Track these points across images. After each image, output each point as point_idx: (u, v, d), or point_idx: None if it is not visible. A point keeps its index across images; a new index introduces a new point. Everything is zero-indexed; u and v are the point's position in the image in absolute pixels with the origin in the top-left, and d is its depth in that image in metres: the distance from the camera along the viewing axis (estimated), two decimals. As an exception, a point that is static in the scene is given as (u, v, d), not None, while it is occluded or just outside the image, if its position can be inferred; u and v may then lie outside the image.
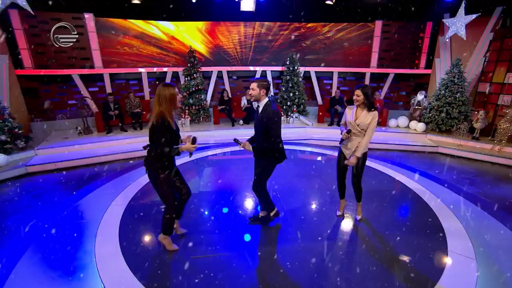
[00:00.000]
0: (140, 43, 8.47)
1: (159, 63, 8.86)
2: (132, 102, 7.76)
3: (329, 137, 7.77)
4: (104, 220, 3.64)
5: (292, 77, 8.90)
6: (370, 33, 9.27)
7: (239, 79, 10.07)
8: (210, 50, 9.22)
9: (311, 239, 3.29)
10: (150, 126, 2.42)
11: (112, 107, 7.36)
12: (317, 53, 9.60)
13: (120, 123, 7.50)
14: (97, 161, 6.06)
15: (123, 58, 8.41)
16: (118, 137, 7.10)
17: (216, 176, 5.10)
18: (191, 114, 8.27)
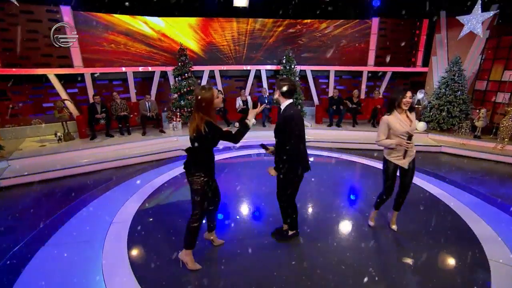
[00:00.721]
0: (128, 40, 7.93)
1: (149, 61, 8.34)
2: (118, 105, 7.21)
3: (331, 139, 7.63)
4: (107, 245, 3.15)
5: (289, 76, 8.65)
6: (367, 31, 9.19)
7: (232, 79, 9.72)
8: (203, 48, 8.82)
9: (347, 252, 3.09)
10: (195, 135, 2.34)
11: (99, 110, 6.78)
12: (313, 51, 9.43)
13: (106, 127, 6.91)
14: (82, 171, 5.52)
15: (107, 56, 7.82)
16: (104, 143, 6.54)
17: (230, 181, 4.81)
18: (183, 117, 7.81)
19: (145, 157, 6.19)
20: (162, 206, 3.98)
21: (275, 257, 2.99)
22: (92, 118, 6.72)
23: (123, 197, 4.23)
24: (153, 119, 7.36)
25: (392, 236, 3.41)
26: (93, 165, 5.67)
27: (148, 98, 7.32)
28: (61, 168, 5.40)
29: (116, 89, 8.57)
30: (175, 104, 7.87)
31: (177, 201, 4.12)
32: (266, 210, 3.89)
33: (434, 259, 3.02)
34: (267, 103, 8.53)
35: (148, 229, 3.46)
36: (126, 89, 8.57)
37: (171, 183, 4.73)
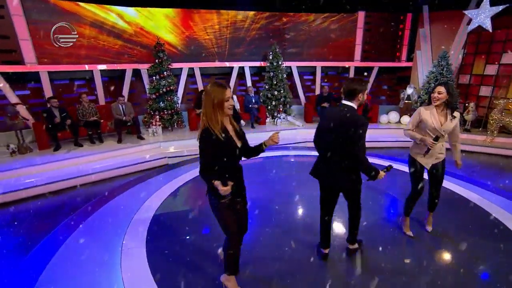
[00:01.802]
0: (96, 33, 7.10)
1: (119, 58, 7.56)
2: (85, 108, 6.39)
3: None
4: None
5: (276, 74, 8.37)
6: (353, 24, 9.22)
7: (211, 77, 9.21)
8: (182, 42, 8.21)
9: (393, 266, 2.86)
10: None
11: (58, 115, 5.93)
12: (299, 46, 9.25)
13: (73, 135, 6.08)
14: (44, 191, 4.74)
15: (69, 51, 6.93)
16: (71, 154, 5.73)
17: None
18: (163, 121, 7.18)
19: (126, 169, 5.53)
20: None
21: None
22: (52, 125, 5.85)
23: (113, 238, 3.30)
24: (129, 124, 6.64)
25: (431, 242, 3.25)
26: (56, 183, 4.90)
27: (122, 100, 6.60)
28: (17, 189, 4.55)
29: (79, 90, 7.67)
30: (152, 107, 7.21)
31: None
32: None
33: (479, 264, 2.88)
34: (254, 103, 8.18)
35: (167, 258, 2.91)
36: (91, 90, 7.71)
37: (170, 206, 4.05)
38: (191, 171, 5.14)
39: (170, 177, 4.90)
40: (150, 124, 7.04)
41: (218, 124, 2.08)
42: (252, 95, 8.30)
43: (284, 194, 4.24)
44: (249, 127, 7.89)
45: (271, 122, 8.57)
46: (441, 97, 2.90)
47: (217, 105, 2.06)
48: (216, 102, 2.06)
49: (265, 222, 3.57)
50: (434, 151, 3.01)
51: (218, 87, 2.10)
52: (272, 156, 5.93)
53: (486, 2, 6.79)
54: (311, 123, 8.56)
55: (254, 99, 8.24)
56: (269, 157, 5.88)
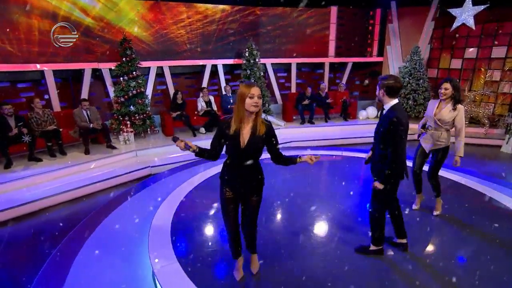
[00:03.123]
0: (47, 26, 6.37)
1: (75, 56, 6.88)
2: (40, 116, 5.70)
3: (311, 136, 7.71)
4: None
5: (254, 71, 8.34)
6: (326, 17, 9.56)
7: (181, 77, 8.88)
8: (150, 38, 7.77)
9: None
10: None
11: (13, 125, 5.21)
12: (273, 42, 9.33)
13: (29, 149, 5.37)
14: (3, 218, 4.13)
15: (13, 48, 6.13)
16: (31, 171, 5.06)
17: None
18: (135, 126, 6.71)
19: (102, 183, 5.04)
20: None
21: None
22: (4, 137, 5.11)
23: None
24: (97, 132, 6.07)
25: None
26: (17, 208, 4.28)
27: (86, 105, 6.01)
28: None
29: (24, 94, 6.86)
30: (121, 111, 6.69)
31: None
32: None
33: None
34: (232, 103, 8.04)
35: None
36: (39, 94, 6.91)
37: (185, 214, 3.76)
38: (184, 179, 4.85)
39: (167, 186, 4.59)
40: (120, 131, 6.50)
41: (238, 118, 2.30)
42: (229, 95, 8.15)
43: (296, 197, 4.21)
44: (229, 129, 7.72)
45: (251, 123, 8.47)
46: (447, 92, 3.38)
47: (240, 100, 2.27)
48: (240, 98, 2.27)
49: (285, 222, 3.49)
50: (432, 136, 3.51)
51: (245, 85, 2.31)
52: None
53: (468, 1, 7.47)
54: (291, 122, 8.66)
55: (232, 99, 8.11)
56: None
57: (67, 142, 6.10)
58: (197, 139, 7.03)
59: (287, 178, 4.89)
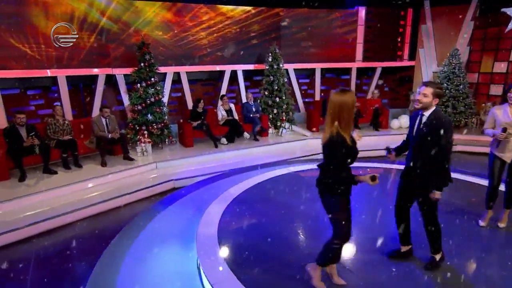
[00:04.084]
0: (60, 27, 6.55)
1: (89, 60, 7.06)
2: (60, 125, 5.81)
3: None
4: None
5: (277, 78, 8.42)
6: (354, 19, 9.65)
7: (197, 83, 9.01)
8: (168, 42, 7.92)
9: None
10: (326, 142, 2.47)
11: (24, 135, 5.31)
12: (295, 46, 9.44)
13: (43, 160, 5.45)
14: (16, 238, 4.17)
15: (26, 52, 6.32)
16: (46, 184, 5.16)
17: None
18: (153, 137, 6.77)
19: (125, 198, 5.09)
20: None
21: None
22: (17, 147, 5.21)
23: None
24: (115, 142, 6.15)
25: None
26: (36, 226, 4.32)
27: (108, 113, 6.11)
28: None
29: (34, 102, 7.03)
30: (138, 120, 6.78)
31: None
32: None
33: None
34: (255, 112, 8.10)
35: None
36: (48, 102, 7.10)
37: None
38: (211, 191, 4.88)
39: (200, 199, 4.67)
40: (137, 142, 6.57)
41: (349, 129, 2.44)
42: (251, 102, 8.22)
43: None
44: (252, 140, 7.75)
45: (275, 133, 8.53)
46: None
47: (351, 108, 2.41)
48: (351, 106, 2.40)
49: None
50: (509, 144, 3.53)
51: (351, 93, 2.44)
52: (285, 174, 5.74)
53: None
54: (318, 132, 8.66)
55: (255, 108, 8.17)
56: (284, 175, 5.72)
57: (82, 153, 6.18)
58: (218, 151, 7.09)
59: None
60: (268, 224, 3.85)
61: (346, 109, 2.39)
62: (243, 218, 4.01)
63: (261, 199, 4.54)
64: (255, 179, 5.17)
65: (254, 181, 5.10)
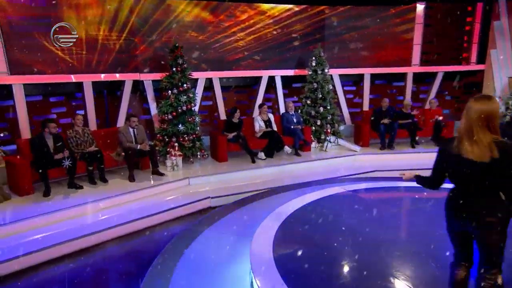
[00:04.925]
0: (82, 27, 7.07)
1: (114, 65, 7.49)
2: (80, 135, 6.16)
3: (395, 165, 7.49)
4: None
5: (321, 85, 8.57)
6: (411, 16, 9.68)
7: (229, 90, 9.31)
8: (199, 45, 8.28)
9: None
10: (491, 161, 2.38)
11: (51, 146, 5.67)
12: (342, 49, 9.58)
13: (69, 174, 5.79)
14: (44, 259, 4.40)
15: (50, 56, 6.83)
16: (69, 201, 5.50)
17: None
18: (184, 150, 7.04)
19: (158, 216, 5.37)
20: None
21: None
22: (44, 159, 5.56)
23: None
24: (144, 155, 6.45)
25: None
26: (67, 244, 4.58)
27: (136, 122, 6.45)
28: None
29: (56, 109, 7.53)
30: (168, 131, 7.08)
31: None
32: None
33: None
34: (296, 123, 8.24)
35: None
36: (70, 110, 7.58)
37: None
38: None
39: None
40: (167, 154, 6.84)
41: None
42: (292, 113, 8.38)
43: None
44: (292, 155, 7.87)
45: (318, 148, 8.61)
46: None
47: (497, 118, 2.44)
48: (497, 115, 2.43)
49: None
50: None
51: (494, 98, 2.50)
52: (339, 193, 5.76)
53: None
54: (368, 147, 8.67)
55: (296, 118, 8.32)
56: (338, 194, 5.74)
57: (111, 166, 6.54)
58: (256, 167, 7.26)
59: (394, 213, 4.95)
60: (330, 246, 3.93)
61: (496, 118, 2.42)
62: (300, 241, 4.09)
63: (317, 220, 4.62)
64: (306, 198, 5.26)
65: (305, 199, 5.19)
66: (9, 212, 5.16)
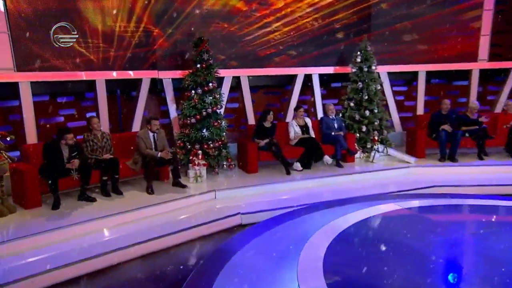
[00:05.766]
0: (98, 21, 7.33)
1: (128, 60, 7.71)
2: (98, 140, 6.37)
3: (458, 181, 7.50)
4: None
5: (367, 84, 8.54)
6: (477, 5, 9.52)
7: (258, 91, 9.41)
8: (225, 38, 8.43)
9: None
10: None
11: (66, 152, 5.91)
12: (392, 42, 9.51)
13: (81, 184, 5.97)
14: (54, 281, 4.48)
15: (58, 51, 7.08)
16: (81, 215, 5.65)
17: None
18: (209, 159, 7.17)
19: (174, 237, 5.41)
20: None
21: None
22: (56, 169, 5.75)
23: None
24: (165, 163, 6.62)
25: None
26: (69, 268, 4.61)
27: (158, 126, 6.62)
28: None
29: (64, 111, 7.82)
30: (190, 136, 7.23)
31: None
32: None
33: None
34: (337, 129, 8.22)
35: None
36: (80, 112, 7.90)
37: None
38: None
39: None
40: (189, 164, 6.96)
41: None
42: (332, 116, 8.37)
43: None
44: (333, 166, 7.88)
45: (363, 158, 8.56)
46: None
47: None
48: None
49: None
50: None
51: None
52: (393, 210, 5.76)
53: None
54: (423, 159, 8.52)
55: (337, 123, 8.30)
56: (393, 212, 5.72)
57: (128, 176, 6.76)
58: (291, 179, 7.32)
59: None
60: (390, 273, 3.94)
61: None
62: (355, 264, 4.09)
63: (373, 241, 4.68)
64: (355, 215, 5.25)
65: (355, 217, 5.19)
66: (14, 227, 5.35)
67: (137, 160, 6.54)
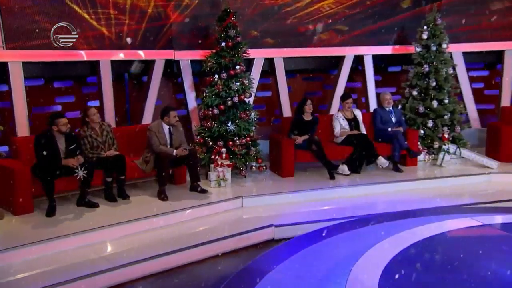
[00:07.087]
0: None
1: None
2: (98, 134, 6.60)
3: None
4: None
5: (435, 67, 8.50)
6: None
7: (296, 76, 9.50)
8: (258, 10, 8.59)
9: None
10: None
11: (62, 145, 6.13)
12: (468, 13, 9.44)
13: (81, 187, 6.21)
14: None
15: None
16: (81, 224, 5.85)
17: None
18: (235, 159, 7.33)
19: (192, 252, 5.51)
20: None
21: None
22: (52, 166, 5.99)
23: None
24: (179, 164, 6.83)
25: None
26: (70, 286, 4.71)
27: (176, 118, 6.83)
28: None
29: (61, 99, 8.13)
30: (213, 131, 7.37)
31: None
32: None
33: None
34: (395, 123, 8.23)
35: None
36: (80, 99, 8.14)
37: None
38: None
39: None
40: (212, 164, 7.14)
41: None
42: (389, 108, 8.38)
43: None
44: (389, 170, 7.93)
45: (429, 161, 8.55)
46: None
47: None
48: None
49: None
50: None
51: None
52: (461, 228, 5.79)
53: None
54: (510, 163, 8.49)
55: (395, 117, 8.30)
56: (459, 230, 5.77)
57: (136, 177, 6.95)
58: (336, 185, 7.42)
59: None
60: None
61: None
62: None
63: (443, 264, 4.68)
64: (419, 232, 5.26)
65: (418, 234, 5.20)
66: (0, 236, 5.53)
67: (148, 158, 6.73)
